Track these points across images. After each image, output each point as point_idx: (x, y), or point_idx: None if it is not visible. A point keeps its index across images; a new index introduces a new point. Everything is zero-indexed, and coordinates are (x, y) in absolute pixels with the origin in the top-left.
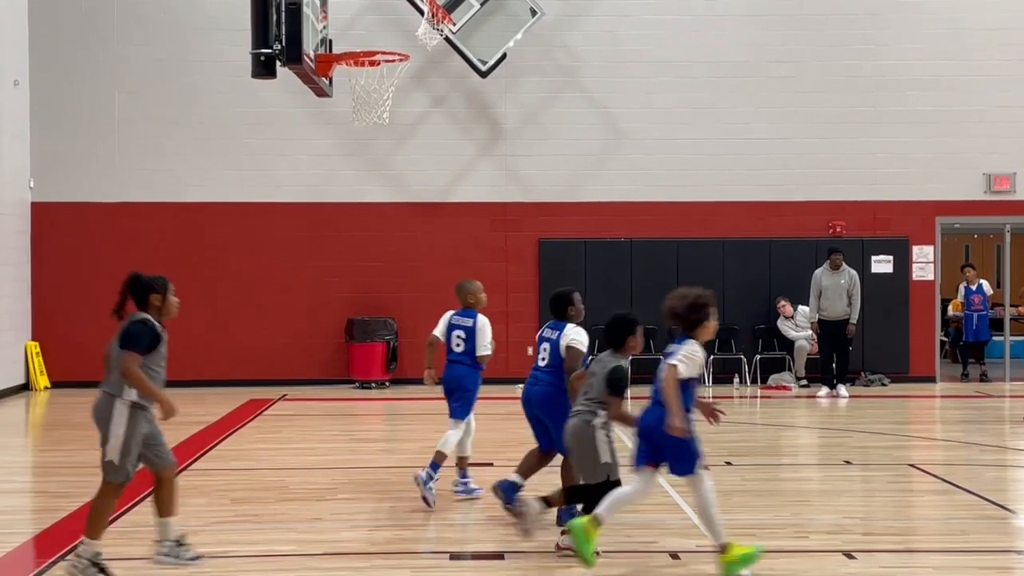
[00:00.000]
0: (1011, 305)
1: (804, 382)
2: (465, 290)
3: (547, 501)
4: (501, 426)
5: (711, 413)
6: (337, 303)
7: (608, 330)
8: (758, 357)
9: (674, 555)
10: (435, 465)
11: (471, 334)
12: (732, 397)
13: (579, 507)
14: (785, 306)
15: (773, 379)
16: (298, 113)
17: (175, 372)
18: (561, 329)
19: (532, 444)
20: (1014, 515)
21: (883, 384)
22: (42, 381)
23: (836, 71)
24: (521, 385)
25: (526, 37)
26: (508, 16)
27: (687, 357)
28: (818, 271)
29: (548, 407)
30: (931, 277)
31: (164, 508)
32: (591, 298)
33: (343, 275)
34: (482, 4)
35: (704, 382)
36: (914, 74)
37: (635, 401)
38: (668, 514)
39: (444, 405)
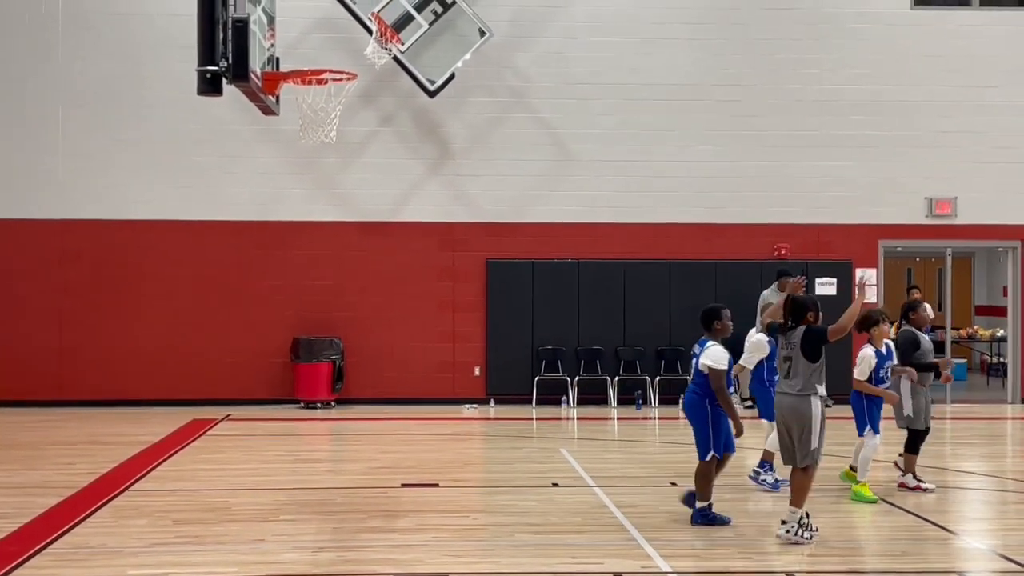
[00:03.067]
0: (952, 328)
1: (748, 403)
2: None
3: None
4: (447, 446)
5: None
6: (283, 322)
7: None
8: None
9: None
10: (763, 463)
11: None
12: (677, 418)
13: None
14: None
15: None
16: (245, 131)
17: (119, 391)
18: (703, 347)
19: (477, 465)
20: (955, 536)
21: (827, 405)
22: None
23: (780, 95)
24: None
25: (475, 57)
26: (457, 36)
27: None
28: (766, 292)
29: (690, 414)
30: (874, 300)
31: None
32: (538, 318)
33: (289, 294)
34: (431, 24)
35: (647, 401)
36: (857, 99)
37: None
38: (613, 534)
39: (387, 425)
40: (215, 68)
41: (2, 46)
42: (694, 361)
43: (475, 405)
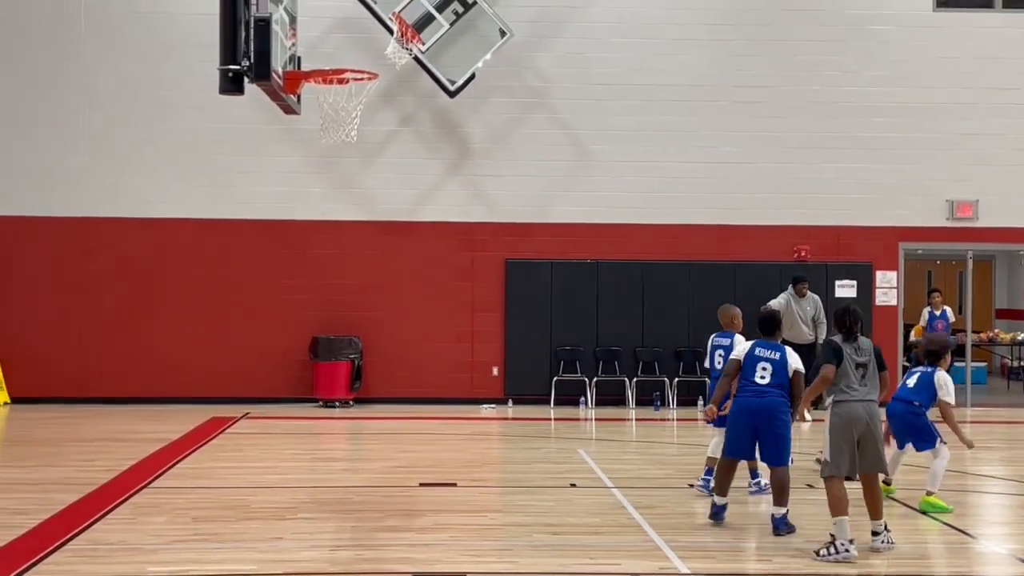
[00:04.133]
0: (972, 331)
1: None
2: (731, 314)
3: None
4: (466, 446)
5: None
6: (302, 321)
7: None
8: None
9: None
10: (710, 471)
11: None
12: (695, 420)
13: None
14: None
15: None
16: (266, 130)
17: (138, 388)
18: (782, 351)
19: (495, 464)
20: (973, 540)
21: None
22: (1, 396)
23: (801, 97)
24: None
25: (495, 58)
26: (477, 36)
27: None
28: (781, 296)
29: (776, 420)
30: (894, 302)
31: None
32: (557, 319)
33: (308, 293)
34: (451, 24)
35: (666, 403)
36: (879, 101)
37: None
38: (631, 535)
39: (406, 425)
40: (237, 67)
41: (25, 46)
42: (769, 366)
43: (493, 405)
